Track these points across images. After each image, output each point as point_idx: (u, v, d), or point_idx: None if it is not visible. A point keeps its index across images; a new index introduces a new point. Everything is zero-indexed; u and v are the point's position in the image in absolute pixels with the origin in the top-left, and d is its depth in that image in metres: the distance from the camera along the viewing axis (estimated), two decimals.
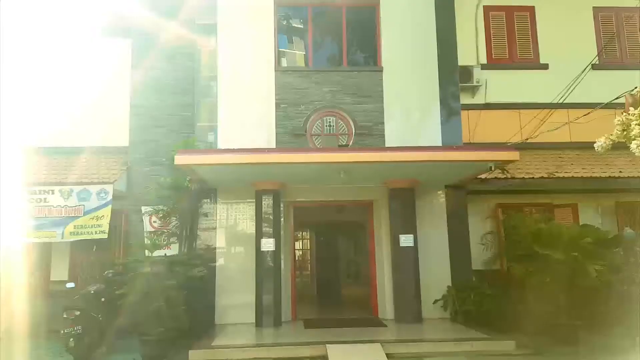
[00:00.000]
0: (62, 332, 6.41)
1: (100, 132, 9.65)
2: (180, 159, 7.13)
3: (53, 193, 8.55)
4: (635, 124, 4.14)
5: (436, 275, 8.52)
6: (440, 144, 8.90)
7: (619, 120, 4.34)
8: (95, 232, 8.45)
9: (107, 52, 9.99)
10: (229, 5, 9.29)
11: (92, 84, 9.75)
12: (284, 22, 9.68)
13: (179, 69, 9.85)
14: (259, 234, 8.34)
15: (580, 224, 8.86)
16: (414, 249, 8.36)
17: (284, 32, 9.66)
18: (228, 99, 9.01)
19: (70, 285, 7.28)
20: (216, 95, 9.10)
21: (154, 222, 9.03)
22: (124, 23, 9.89)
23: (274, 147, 8.77)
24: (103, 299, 6.96)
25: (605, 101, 7.38)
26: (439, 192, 9.04)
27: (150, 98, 9.67)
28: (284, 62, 9.51)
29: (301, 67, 9.55)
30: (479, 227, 9.30)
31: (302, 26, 9.70)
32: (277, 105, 9.05)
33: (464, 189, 9.05)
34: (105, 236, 8.49)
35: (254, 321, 8.09)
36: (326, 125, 9.10)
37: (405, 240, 8.33)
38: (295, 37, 9.76)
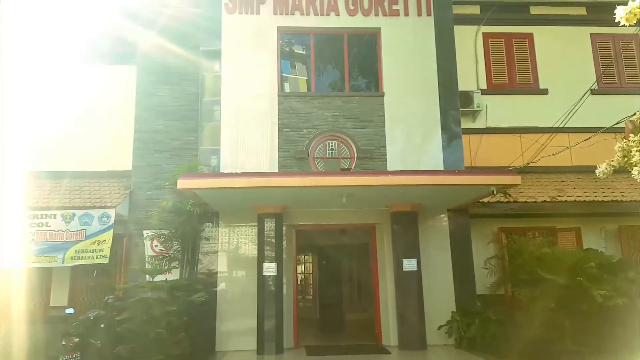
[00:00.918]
0: (60, 359, 6.31)
1: (103, 156, 9.69)
2: (183, 183, 7.15)
3: (55, 217, 8.54)
4: (636, 151, 4.14)
5: (440, 300, 8.43)
6: (442, 168, 8.94)
7: (619, 147, 4.35)
8: (97, 257, 8.40)
9: (112, 77, 10.11)
10: (233, 32, 9.49)
11: (96, 108, 9.83)
12: (287, 48, 9.86)
13: (183, 93, 9.91)
14: (261, 258, 8.29)
15: (584, 247, 8.81)
16: (418, 273, 8.29)
17: (287, 58, 9.82)
18: (231, 123, 9.10)
19: (70, 310, 7.20)
20: (219, 119, 9.20)
21: (156, 246, 8.98)
22: (129, 49, 10.06)
23: (277, 170, 8.81)
24: (102, 325, 6.84)
25: (605, 125, 7.43)
26: (442, 215, 9.01)
27: (154, 122, 9.74)
28: (287, 87, 9.64)
29: (303, 92, 9.66)
30: (482, 251, 9.23)
31: (304, 52, 9.88)
32: (280, 129, 9.14)
33: (467, 213, 9.03)
34: (107, 261, 8.44)
35: (255, 348, 7.95)
36: (328, 149, 9.16)
37: (409, 264, 8.26)
38: (297, 63, 9.92)
